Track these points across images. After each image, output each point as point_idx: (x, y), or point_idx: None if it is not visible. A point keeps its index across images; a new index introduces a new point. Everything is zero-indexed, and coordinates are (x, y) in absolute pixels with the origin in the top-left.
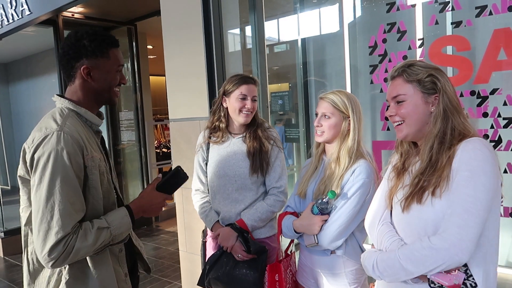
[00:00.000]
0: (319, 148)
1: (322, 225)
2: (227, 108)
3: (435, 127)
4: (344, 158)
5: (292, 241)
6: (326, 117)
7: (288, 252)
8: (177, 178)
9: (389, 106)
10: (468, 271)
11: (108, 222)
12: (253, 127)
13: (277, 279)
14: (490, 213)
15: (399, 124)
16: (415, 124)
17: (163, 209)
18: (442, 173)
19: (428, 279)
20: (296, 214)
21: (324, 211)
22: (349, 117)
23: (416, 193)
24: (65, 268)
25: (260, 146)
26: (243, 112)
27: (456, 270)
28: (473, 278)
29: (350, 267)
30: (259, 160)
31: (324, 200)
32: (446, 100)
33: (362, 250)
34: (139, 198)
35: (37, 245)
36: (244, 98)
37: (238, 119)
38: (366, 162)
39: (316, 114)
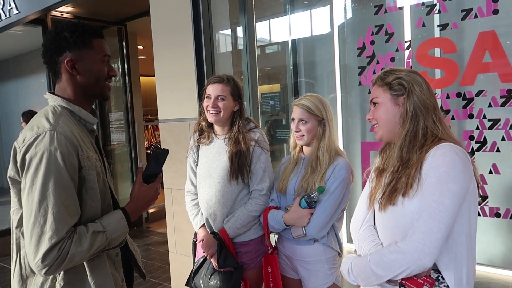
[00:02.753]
0: (296, 148)
1: (309, 218)
2: None
3: (403, 127)
4: (324, 156)
5: (271, 233)
6: (303, 122)
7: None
8: (159, 158)
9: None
10: (440, 277)
11: (103, 226)
12: (234, 128)
13: (269, 270)
14: (460, 217)
15: (376, 126)
16: (386, 125)
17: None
18: (411, 170)
19: (399, 283)
20: (278, 208)
21: (312, 205)
22: (323, 120)
23: (389, 192)
24: (59, 273)
25: (239, 151)
26: (209, 111)
27: (427, 275)
28: (445, 282)
29: (329, 254)
30: (237, 165)
31: (312, 195)
32: (415, 100)
33: (338, 238)
34: (132, 200)
35: (29, 251)
36: (208, 97)
37: (208, 118)
38: (344, 159)
39: (293, 119)
